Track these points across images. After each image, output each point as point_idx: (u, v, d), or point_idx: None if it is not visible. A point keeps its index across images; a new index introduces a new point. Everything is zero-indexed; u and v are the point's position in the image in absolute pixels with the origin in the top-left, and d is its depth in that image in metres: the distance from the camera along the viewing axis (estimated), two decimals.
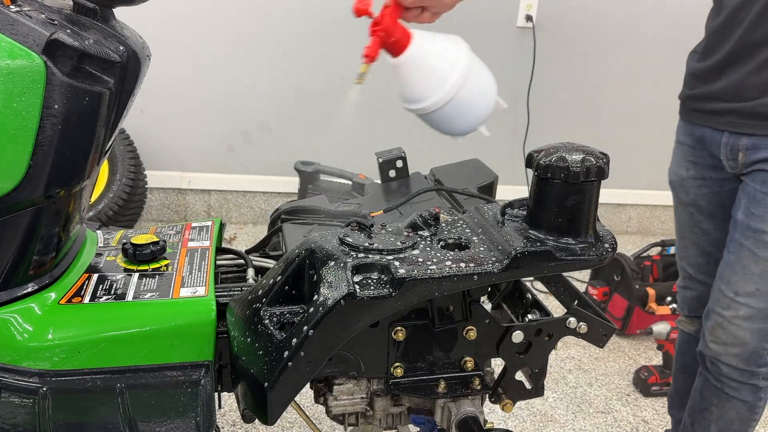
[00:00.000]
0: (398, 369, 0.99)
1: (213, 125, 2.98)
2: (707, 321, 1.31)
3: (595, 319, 1.02)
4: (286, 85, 2.95)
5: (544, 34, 2.90)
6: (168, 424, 0.92)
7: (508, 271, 0.87)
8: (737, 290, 1.23)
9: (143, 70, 0.94)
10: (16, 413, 0.85)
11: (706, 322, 1.31)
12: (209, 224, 1.19)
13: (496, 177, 1.32)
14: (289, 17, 2.85)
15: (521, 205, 1.01)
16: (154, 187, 3.02)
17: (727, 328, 1.26)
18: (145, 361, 0.90)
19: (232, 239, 2.97)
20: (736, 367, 1.28)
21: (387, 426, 1.09)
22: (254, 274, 1.08)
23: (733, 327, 1.25)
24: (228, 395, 1.80)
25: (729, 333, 1.26)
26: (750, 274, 1.21)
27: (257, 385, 0.83)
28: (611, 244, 0.93)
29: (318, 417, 1.80)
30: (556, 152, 0.90)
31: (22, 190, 0.81)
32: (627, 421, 1.95)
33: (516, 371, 1.04)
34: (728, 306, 1.25)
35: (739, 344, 1.26)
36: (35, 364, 0.86)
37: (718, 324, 1.27)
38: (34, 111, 0.78)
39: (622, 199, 3.54)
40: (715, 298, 1.29)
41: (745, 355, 1.27)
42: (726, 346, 1.27)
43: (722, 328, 1.27)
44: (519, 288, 1.15)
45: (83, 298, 0.92)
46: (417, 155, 1.52)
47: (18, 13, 0.78)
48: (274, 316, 0.90)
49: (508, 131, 3.09)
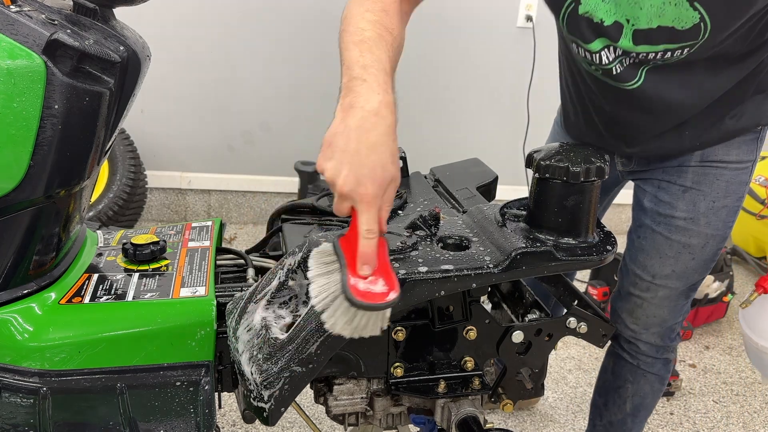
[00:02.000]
0: (398, 369, 0.99)
1: (213, 125, 2.98)
2: (624, 303, 1.33)
3: (595, 319, 1.02)
4: (286, 85, 2.95)
5: (544, 34, 2.89)
6: (168, 424, 0.92)
7: (508, 272, 0.87)
8: (654, 273, 1.27)
9: (143, 70, 0.94)
10: (16, 413, 0.85)
11: (623, 305, 1.34)
12: (209, 224, 1.19)
13: (496, 177, 1.32)
14: (289, 17, 2.85)
15: (521, 205, 1.01)
16: (154, 187, 3.02)
17: (647, 309, 1.30)
18: (145, 361, 0.90)
19: (232, 239, 2.97)
20: (653, 343, 1.33)
21: (387, 426, 1.09)
22: (254, 274, 1.08)
23: (653, 307, 1.29)
24: (228, 395, 1.80)
25: (649, 313, 1.30)
26: (665, 257, 1.25)
27: (258, 386, 0.83)
28: (611, 244, 0.93)
29: (318, 417, 1.80)
30: (556, 152, 0.90)
31: (22, 190, 0.81)
32: None
33: (516, 371, 1.04)
34: (647, 288, 1.28)
35: (658, 322, 1.31)
36: (35, 364, 0.86)
37: (637, 305, 1.31)
38: (34, 111, 0.78)
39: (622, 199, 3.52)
40: (631, 281, 1.30)
41: (662, 331, 1.32)
42: (647, 326, 1.32)
43: (642, 309, 1.31)
44: (519, 288, 1.15)
45: (83, 298, 0.92)
46: (417, 155, 1.52)
47: (18, 13, 0.78)
48: (274, 317, 0.90)
49: (508, 131, 3.09)
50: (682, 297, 1.29)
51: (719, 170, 1.19)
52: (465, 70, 3.02)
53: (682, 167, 1.21)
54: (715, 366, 2.28)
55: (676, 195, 1.22)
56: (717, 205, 1.20)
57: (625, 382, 1.39)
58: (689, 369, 2.25)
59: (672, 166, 1.22)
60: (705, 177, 1.20)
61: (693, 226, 1.21)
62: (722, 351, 2.38)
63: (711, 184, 1.20)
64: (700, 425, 1.96)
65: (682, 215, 1.22)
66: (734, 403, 2.07)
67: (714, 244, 1.24)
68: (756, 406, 2.06)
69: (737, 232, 3.04)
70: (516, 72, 2.97)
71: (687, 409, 2.03)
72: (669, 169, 1.23)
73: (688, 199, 1.21)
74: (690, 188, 1.21)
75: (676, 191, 1.22)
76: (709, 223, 1.21)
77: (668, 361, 1.38)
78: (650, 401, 1.42)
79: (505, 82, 3.01)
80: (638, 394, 1.40)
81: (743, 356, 2.34)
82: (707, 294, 2.44)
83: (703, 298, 2.43)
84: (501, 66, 2.99)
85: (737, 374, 2.23)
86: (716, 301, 2.49)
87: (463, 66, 3.01)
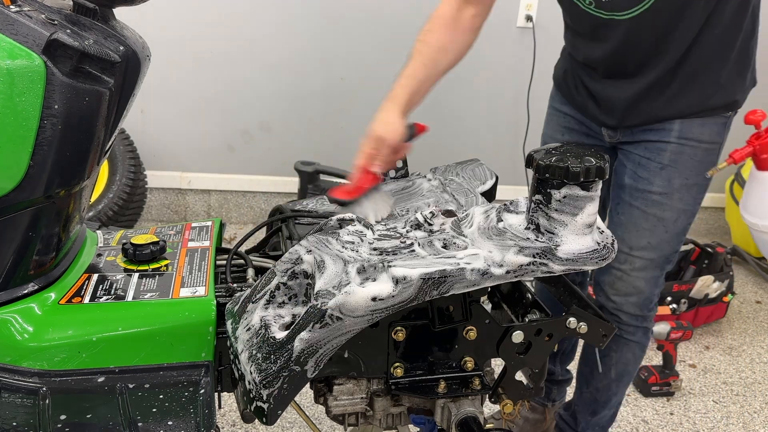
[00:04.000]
0: (398, 369, 0.99)
1: (213, 125, 2.98)
2: (605, 276, 1.44)
3: (595, 319, 1.02)
4: (286, 85, 2.95)
5: (544, 34, 2.89)
6: (168, 424, 0.92)
7: (508, 273, 0.87)
8: (631, 245, 1.38)
9: (143, 70, 0.94)
10: (16, 413, 0.85)
11: (604, 278, 1.44)
12: (209, 224, 1.19)
13: (496, 177, 1.32)
14: (289, 17, 2.85)
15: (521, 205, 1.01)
16: (154, 187, 3.02)
17: (626, 280, 1.40)
18: (145, 361, 0.90)
19: (232, 239, 2.97)
20: (633, 314, 1.44)
21: (387, 426, 1.09)
22: (254, 274, 1.08)
23: (630, 278, 1.40)
24: (228, 395, 1.80)
25: (628, 284, 1.40)
26: (642, 230, 1.36)
27: (257, 385, 0.83)
28: (611, 244, 0.93)
29: (318, 417, 1.80)
30: (555, 152, 0.90)
31: (22, 190, 0.81)
32: (627, 421, 1.95)
33: (516, 371, 1.04)
34: (625, 260, 1.39)
35: (636, 293, 1.41)
36: (35, 364, 0.86)
37: (617, 278, 1.41)
38: (34, 111, 0.78)
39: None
40: None
41: (640, 302, 1.43)
42: (626, 296, 1.42)
43: (622, 281, 1.41)
44: (519, 288, 1.15)
45: (83, 298, 0.92)
46: (417, 155, 1.52)
47: (18, 13, 0.78)
48: (274, 317, 0.90)
49: (508, 131, 3.09)
50: (657, 268, 1.40)
51: (694, 150, 1.31)
52: (465, 70, 3.01)
53: (662, 143, 1.32)
54: (715, 366, 2.28)
55: (654, 172, 1.33)
56: (689, 182, 1.33)
57: (609, 351, 1.50)
58: (689, 369, 2.25)
59: (652, 140, 1.33)
60: (681, 156, 1.31)
61: (667, 200, 1.33)
62: (722, 351, 2.38)
63: (686, 162, 1.32)
64: (700, 425, 1.96)
65: (658, 190, 1.33)
66: (734, 403, 2.07)
67: (685, 219, 1.36)
68: (756, 406, 2.06)
69: (737, 232, 3.05)
70: (516, 72, 2.97)
71: (687, 409, 2.03)
72: (650, 146, 1.34)
73: (665, 176, 1.33)
74: (667, 166, 1.32)
75: (654, 168, 1.33)
76: (681, 198, 1.34)
77: (647, 329, 1.49)
78: (632, 367, 1.53)
79: (505, 82, 3.01)
80: (621, 362, 1.51)
81: (743, 356, 2.34)
82: (707, 294, 2.43)
83: (703, 298, 2.43)
84: (501, 66, 2.99)
85: (737, 374, 2.23)
86: (716, 301, 2.49)
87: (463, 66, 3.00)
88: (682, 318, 2.37)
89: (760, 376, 2.22)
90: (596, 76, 1.36)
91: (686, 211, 1.35)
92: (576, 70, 1.42)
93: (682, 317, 2.38)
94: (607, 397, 1.57)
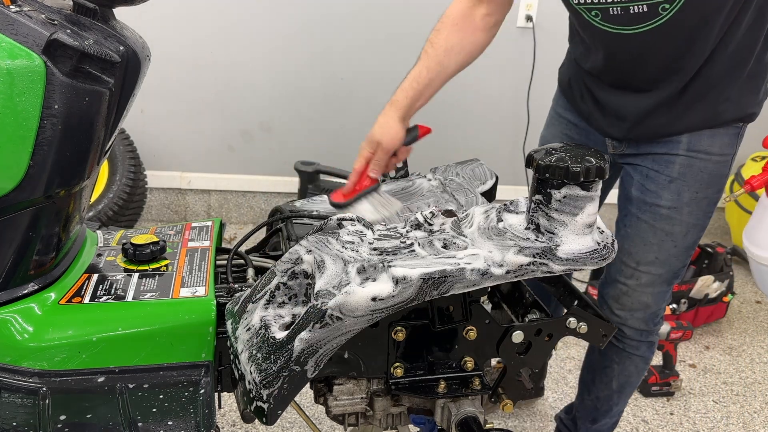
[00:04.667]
0: (398, 369, 0.99)
1: (213, 125, 2.98)
2: (610, 290, 1.39)
3: (595, 319, 1.02)
4: (286, 85, 2.95)
5: (544, 34, 2.89)
6: (168, 424, 0.92)
7: (508, 273, 0.87)
8: (638, 260, 1.32)
9: (143, 70, 0.94)
10: (16, 413, 0.85)
11: (609, 291, 1.39)
12: (209, 224, 1.19)
13: (496, 177, 1.32)
14: (289, 17, 2.85)
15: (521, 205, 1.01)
16: (154, 187, 3.01)
17: (632, 296, 1.35)
18: (145, 361, 0.90)
19: (232, 239, 2.97)
20: (638, 328, 1.39)
21: (387, 426, 1.09)
22: (254, 274, 1.08)
23: (637, 293, 1.35)
24: (228, 395, 1.80)
25: (634, 299, 1.36)
26: (649, 244, 1.30)
27: (257, 385, 0.83)
28: (611, 244, 0.93)
29: (318, 417, 1.80)
30: (555, 152, 0.90)
31: (22, 190, 0.81)
32: (627, 421, 1.95)
33: (516, 371, 1.04)
34: (631, 275, 1.34)
35: (643, 308, 1.36)
36: (35, 364, 0.86)
37: (623, 292, 1.36)
38: (34, 111, 0.78)
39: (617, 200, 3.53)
40: (617, 268, 1.36)
41: (646, 316, 1.38)
42: (632, 311, 1.37)
43: (627, 296, 1.36)
44: (519, 288, 1.15)
45: (83, 298, 0.92)
46: (417, 155, 1.52)
47: (18, 13, 0.78)
48: (274, 317, 0.90)
49: (508, 131, 3.09)
50: (665, 284, 1.35)
51: (704, 162, 1.25)
52: (465, 70, 3.02)
53: (670, 156, 1.26)
54: (715, 366, 2.28)
55: (662, 185, 1.27)
56: (699, 195, 1.27)
57: (612, 363, 1.46)
58: (689, 369, 2.25)
59: (660, 153, 1.27)
60: (690, 169, 1.25)
61: (676, 215, 1.27)
62: (722, 351, 2.38)
63: (695, 175, 1.26)
64: (700, 425, 1.96)
65: (667, 204, 1.27)
66: (734, 403, 2.07)
67: (695, 233, 1.30)
68: (756, 406, 2.06)
69: (737, 232, 3.04)
70: (516, 72, 2.97)
71: (687, 409, 2.03)
72: (658, 158, 1.28)
73: (674, 189, 1.27)
74: (676, 179, 1.26)
75: (662, 181, 1.27)
76: (691, 213, 1.27)
77: (652, 343, 1.44)
78: (635, 379, 1.49)
79: (505, 82, 3.01)
80: (624, 374, 1.47)
81: (743, 356, 2.34)
82: (707, 294, 2.43)
83: (703, 298, 2.43)
84: (501, 66, 2.98)
85: (737, 374, 2.23)
86: (716, 301, 2.48)
87: None
88: (682, 318, 2.37)
89: (760, 376, 2.22)
90: (604, 86, 1.31)
91: (696, 225, 1.29)
92: (582, 77, 1.37)
93: (682, 317, 2.38)
94: (608, 407, 1.54)
